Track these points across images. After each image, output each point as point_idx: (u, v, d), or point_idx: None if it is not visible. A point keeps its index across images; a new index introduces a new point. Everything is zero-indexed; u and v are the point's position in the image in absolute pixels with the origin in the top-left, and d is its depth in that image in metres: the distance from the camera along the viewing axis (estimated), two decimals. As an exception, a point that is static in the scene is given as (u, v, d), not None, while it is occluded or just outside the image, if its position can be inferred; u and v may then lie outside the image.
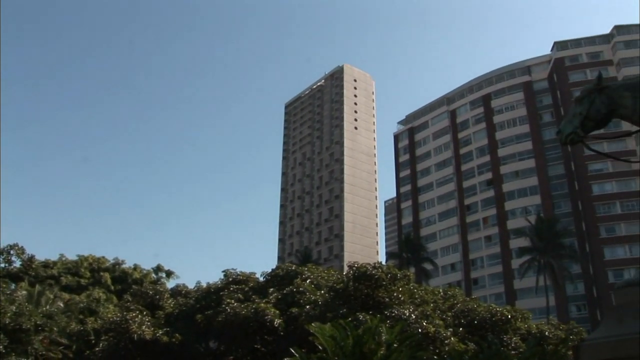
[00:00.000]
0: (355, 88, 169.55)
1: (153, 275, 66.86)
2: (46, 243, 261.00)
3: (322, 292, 39.98)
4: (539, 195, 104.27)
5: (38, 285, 49.82)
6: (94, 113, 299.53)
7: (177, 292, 51.37)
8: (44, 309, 43.56)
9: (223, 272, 47.02)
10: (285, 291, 40.76)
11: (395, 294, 37.94)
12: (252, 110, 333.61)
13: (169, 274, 68.41)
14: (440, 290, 49.37)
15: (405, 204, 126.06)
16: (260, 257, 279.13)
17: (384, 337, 26.99)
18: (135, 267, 66.71)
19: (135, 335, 37.75)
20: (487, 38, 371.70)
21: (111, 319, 40.02)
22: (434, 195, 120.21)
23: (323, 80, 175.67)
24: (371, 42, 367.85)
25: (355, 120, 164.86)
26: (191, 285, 52.72)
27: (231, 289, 42.63)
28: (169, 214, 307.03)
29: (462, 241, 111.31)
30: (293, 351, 28.16)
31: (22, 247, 59.05)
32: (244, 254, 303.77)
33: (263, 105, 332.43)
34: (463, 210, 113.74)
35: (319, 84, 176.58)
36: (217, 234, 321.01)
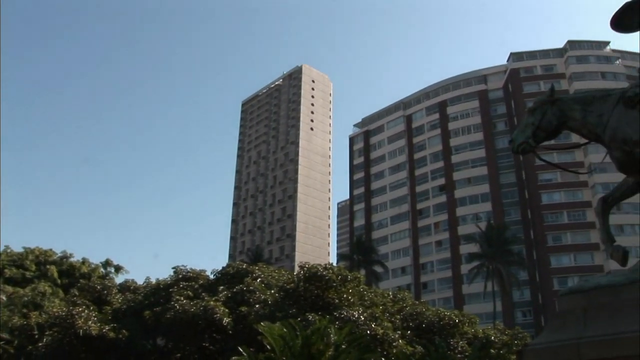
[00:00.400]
0: (313, 89, 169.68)
1: (102, 269, 65.66)
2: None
3: (272, 291, 39.94)
4: (490, 203, 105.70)
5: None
6: (43, 104, 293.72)
7: (125, 287, 50.74)
8: (-15, 302, 42.57)
9: (173, 268, 46.54)
10: (235, 290, 40.61)
11: (345, 296, 38.10)
12: (209, 107, 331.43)
13: (118, 269, 67.31)
14: (390, 293, 49.72)
15: (358, 206, 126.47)
16: (211, 255, 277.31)
17: (332, 338, 27.07)
18: (84, 261, 65.39)
19: (81, 331, 36.96)
20: (446, 45, 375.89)
21: (56, 314, 39.09)
22: (386, 198, 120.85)
23: (281, 80, 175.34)
24: (331, 43, 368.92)
25: (312, 121, 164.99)
26: (140, 281, 52.16)
27: (181, 286, 42.26)
28: (121, 208, 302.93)
29: (413, 245, 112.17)
30: (241, 350, 28.09)
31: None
32: (195, 251, 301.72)
33: (220, 102, 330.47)
34: (415, 214, 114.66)
35: (277, 83, 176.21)
36: (169, 230, 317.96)
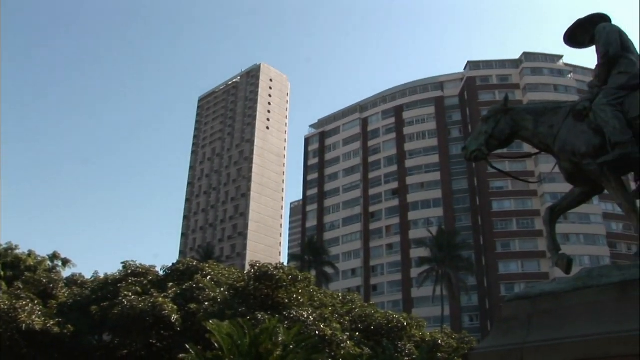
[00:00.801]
0: (270, 88, 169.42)
1: (48, 262, 64.05)
2: None
3: (222, 289, 39.81)
4: (441, 208, 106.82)
5: None
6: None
7: (72, 281, 49.79)
8: None
9: (122, 263, 45.81)
10: (184, 286, 40.25)
11: (295, 296, 38.20)
12: (165, 103, 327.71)
13: (66, 262, 65.80)
14: (340, 295, 50.02)
15: (311, 207, 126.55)
16: (161, 251, 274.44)
17: (280, 338, 27.13)
18: (30, 254, 63.83)
19: (24, 325, 36.03)
20: (404, 51, 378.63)
21: (-2, 307, 38.21)
22: (339, 200, 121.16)
23: (239, 77, 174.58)
24: (290, 43, 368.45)
25: (268, 120, 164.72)
26: (88, 276, 51.29)
27: (129, 281, 41.64)
28: (71, 202, 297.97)
29: (364, 247, 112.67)
30: (189, 347, 27.94)
31: None
32: (146, 247, 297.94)
33: (177, 97, 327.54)
34: (367, 217, 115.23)
35: (234, 80, 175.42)
36: (119, 225, 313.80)
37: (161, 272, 46.14)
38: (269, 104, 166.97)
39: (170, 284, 41.51)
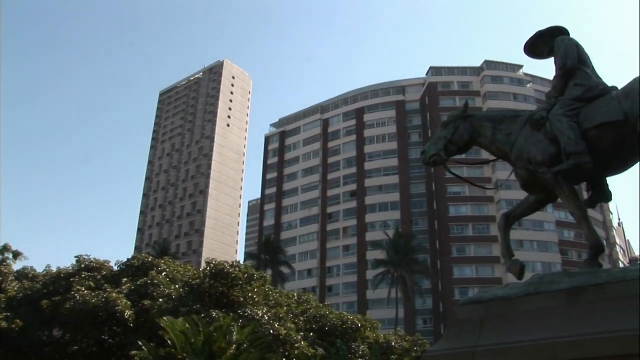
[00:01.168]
0: (232, 85, 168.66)
1: (-1, 255, 62.88)
2: None
3: (177, 286, 39.49)
4: (399, 211, 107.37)
5: None
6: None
7: (23, 275, 48.69)
8: None
9: (76, 257, 45.18)
10: (139, 282, 39.82)
11: (250, 295, 38.08)
12: (125, 96, 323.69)
13: (17, 255, 64.25)
14: (295, 295, 50.02)
15: (269, 206, 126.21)
16: (117, 246, 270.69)
17: (234, 337, 27.08)
18: (-22, 246, 62.41)
19: (-30, 320, 35.26)
20: (368, 54, 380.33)
21: (-56, 302, 37.24)
22: (298, 200, 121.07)
23: (201, 73, 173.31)
24: (254, 41, 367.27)
25: (229, 117, 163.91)
26: (40, 269, 50.33)
27: (83, 275, 40.99)
28: (22, 192, 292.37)
29: (321, 248, 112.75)
30: (141, 344, 27.69)
31: None
32: (101, 242, 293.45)
33: (138, 91, 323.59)
34: (325, 218, 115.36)
35: (197, 76, 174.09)
36: (74, 219, 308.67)
37: (116, 268, 45.51)
38: (231, 101, 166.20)
39: (125, 279, 41.03)
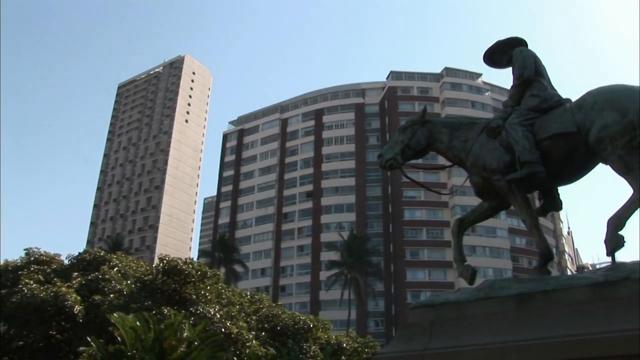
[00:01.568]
0: (192, 81, 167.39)
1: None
2: None
3: (129, 282, 39.03)
4: (354, 213, 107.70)
5: None
6: None
7: (-31, 268, 47.65)
8: None
9: (25, 250, 44.28)
10: (90, 277, 39.10)
11: (202, 292, 37.85)
12: (83, 88, 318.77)
13: (-37, 246, 63.09)
14: (248, 294, 49.96)
15: (225, 203, 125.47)
16: (68, 240, 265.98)
17: (185, 334, 26.91)
18: None
19: None
20: (330, 56, 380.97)
21: None
22: (253, 199, 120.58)
23: (162, 68, 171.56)
24: (216, 38, 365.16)
25: (188, 113, 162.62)
26: (-13, 262, 49.12)
27: (32, 269, 40.11)
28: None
29: (275, 248, 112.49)
30: (90, 340, 27.31)
31: None
32: (52, 235, 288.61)
33: (96, 83, 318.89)
34: (280, 217, 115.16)
35: (157, 70, 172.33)
36: (23, 210, 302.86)
37: (66, 261, 44.74)
38: (190, 97, 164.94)
39: (75, 273, 40.25)
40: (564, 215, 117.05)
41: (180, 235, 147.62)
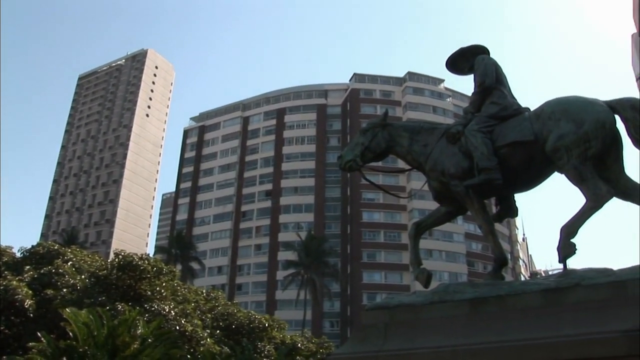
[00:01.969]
0: (155, 75, 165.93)
1: None
2: None
3: (83, 277, 38.54)
4: (313, 214, 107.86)
5: None
6: None
7: None
8: None
9: (-24, 242, 43.41)
10: (42, 271, 38.47)
11: (158, 289, 37.56)
12: (42, 77, 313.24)
13: None
14: (204, 291, 49.72)
15: (183, 200, 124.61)
16: (21, 232, 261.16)
17: (139, 331, 26.68)
18: None
19: None
20: (293, 55, 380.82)
21: None
22: (212, 196, 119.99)
23: (124, 60, 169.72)
24: (180, 34, 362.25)
25: (149, 107, 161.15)
26: None
27: (-19, 262, 39.47)
28: None
29: (233, 246, 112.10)
30: (41, 335, 26.84)
31: None
32: (3, 226, 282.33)
33: (56, 73, 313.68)
34: (238, 215, 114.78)
35: (118, 62, 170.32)
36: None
37: (18, 254, 43.99)
38: (152, 91, 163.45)
39: (28, 267, 39.57)
40: (519, 221, 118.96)
41: (137, 231, 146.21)
